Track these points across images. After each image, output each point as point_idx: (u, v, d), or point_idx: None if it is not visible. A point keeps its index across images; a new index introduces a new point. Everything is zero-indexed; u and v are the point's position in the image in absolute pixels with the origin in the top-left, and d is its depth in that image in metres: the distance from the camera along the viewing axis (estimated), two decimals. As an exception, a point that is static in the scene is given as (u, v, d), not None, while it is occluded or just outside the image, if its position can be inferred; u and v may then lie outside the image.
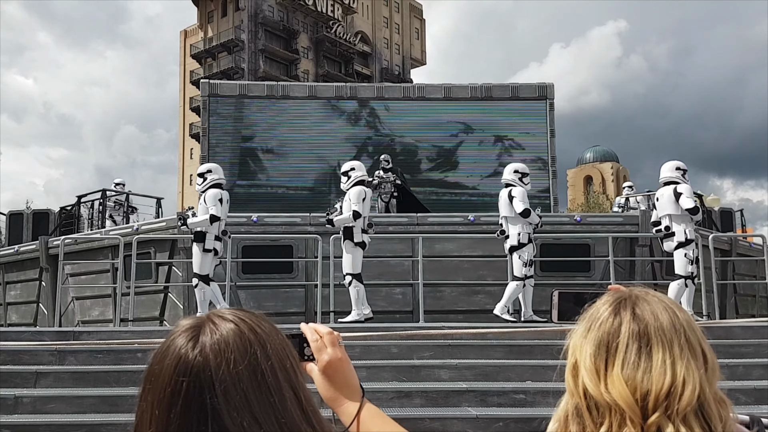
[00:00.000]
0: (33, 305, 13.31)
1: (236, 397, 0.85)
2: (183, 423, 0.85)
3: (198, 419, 0.85)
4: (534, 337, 7.79)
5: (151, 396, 0.88)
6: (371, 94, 15.93)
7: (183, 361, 0.88)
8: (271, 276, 10.80)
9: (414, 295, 10.47)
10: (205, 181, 9.08)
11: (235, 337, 0.89)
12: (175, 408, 0.85)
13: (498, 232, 9.47)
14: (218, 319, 0.92)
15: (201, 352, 0.88)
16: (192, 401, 0.85)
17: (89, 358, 7.33)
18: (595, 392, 1.05)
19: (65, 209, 15.35)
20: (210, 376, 0.86)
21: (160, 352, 0.91)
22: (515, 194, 9.14)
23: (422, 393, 6.58)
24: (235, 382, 0.86)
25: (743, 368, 6.85)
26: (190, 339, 0.90)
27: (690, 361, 1.06)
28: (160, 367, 0.89)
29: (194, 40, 62.80)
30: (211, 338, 0.89)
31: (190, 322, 0.93)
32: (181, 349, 0.89)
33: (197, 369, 0.87)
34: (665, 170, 9.05)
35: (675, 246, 8.86)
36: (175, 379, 0.87)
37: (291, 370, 0.92)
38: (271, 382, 0.88)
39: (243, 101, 15.48)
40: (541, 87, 15.65)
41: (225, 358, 0.87)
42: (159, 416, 0.86)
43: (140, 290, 10.62)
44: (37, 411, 6.36)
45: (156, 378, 0.89)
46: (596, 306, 1.15)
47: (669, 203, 8.86)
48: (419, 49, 73.64)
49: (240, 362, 0.87)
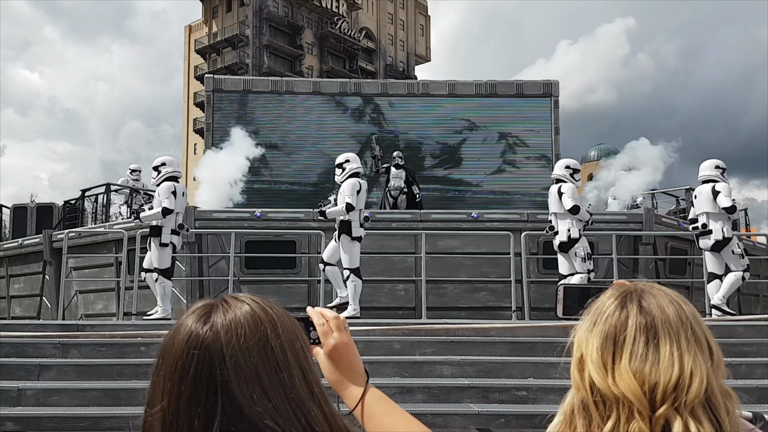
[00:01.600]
0: (36, 298, 13.35)
1: (246, 370, 0.87)
2: (193, 394, 0.87)
3: (207, 391, 0.87)
4: (536, 334, 7.79)
5: (163, 370, 0.90)
6: (375, 90, 15.92)
7: (194, 335, 0.90)
8: (274, 271, 10.82)
9: (417, 291, 10.47)
10: (159, 174, 8.98)
11: (247, 315, 0.92)
12: (185, 380, 0.87)
13: (547, 228, 9.42)
14: (232, 300, 0.95)
15: (212, 327, 0.90)
16: (202, 373, 0.87)
17: (92, 351, 7.34)
18: (603, 385, 1.05)
19: (69, 203, 15.39)
20: (221, 349, 0.88)
21: (172, 330, 0.94)
22: (564, 190, 9.05)
23: (424, 389, 6.58)
24: (245, 356, 0.88)
25: (746, 367, 6.84)
26: (201, 317, 0.92)
27: (697, 354, 1.06)
28: (173, 342, 0.91)
29: (199, 36, 62.80)
30: (224, 317, 0.91)
31: (203, 303, 0.96)
32: (192, 326, 0.91)
33: (208, 342, 0.89)
34: (704, 168, 9.07)
35: (711, 244, 8.89)
36: (186, 352, 0.89)
37: (300, 351, 0.93)
38: (280, 359, 0.90)
39: (247, 97, 15.48)
40: (546, 84, 15.61)
41: (236, 333, 0.89)
42: (170, 388, 0.88)
43: (144, 284, 10.63)
44: (40, 404, 6.38)
45: (168, 352, 0.91)
46: (601, 300, 1.15)
47: (707, 201, 8.87)
48: (424, 46, 73.53)
49: (251, 338, 0.89)
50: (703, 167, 9.10)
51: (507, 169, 15.37)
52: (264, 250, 10.66)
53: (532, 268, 10.75)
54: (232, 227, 10.69)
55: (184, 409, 0.87)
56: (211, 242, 11.15)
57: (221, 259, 10.97)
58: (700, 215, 8.98)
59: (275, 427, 0.86)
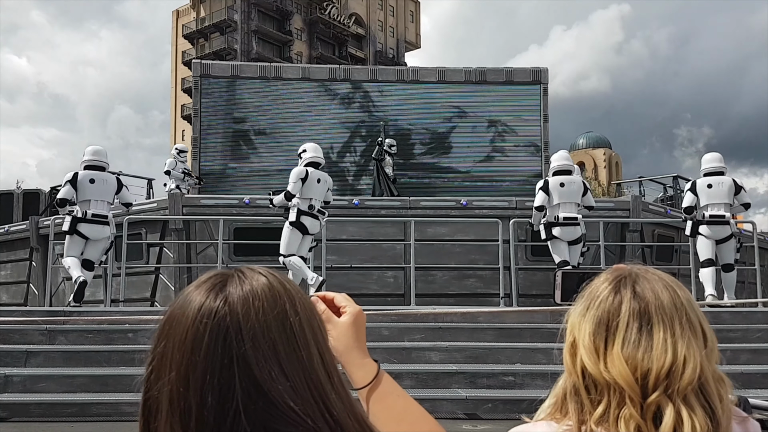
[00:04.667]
0: (23, 285, 13.26)
1: (265, 345, 0.81)
2: (208, 366, 0.80)
3: (222, 364, 0.80)
4: (523, 320, 7.85)
5: (171, 341, 0.82)
6: (365, 77, 15.84)
7: (207, 304, 0.83)
8: (262, 258, 10.76)
9: (406, 278, 10.49)
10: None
11: (264, 287, 0.85)
12: (198, 351, 0.80)
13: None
14: (248, 271, 0.88)
15: (227, 298, 0.83)
16: (217, 344, 0.80)
17: (79, 337, 7.31)
18: (594, 371, 1.05)
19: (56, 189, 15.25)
20: (238, 321, 0.81)
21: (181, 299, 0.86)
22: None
23: (413, 374, 6.61)
24: (264, 330, 0.82)
25: (731, 353, 6.92)
26: (215, 285, 0.85)
27: (691, 340, 1.05)
28: (183, 311, 0.84)
29: (186, 21, 62.18)
30: (240, 288, 0.85)
31: (216, 272, 0.88)
32: (206, 295, 0.84)
33: (223, 313, 0.82)
34: (716, 160, 9.24)
35: (728, 234, 9.07)
36: (199, 320, 0.81)
37: (318, 330, 0.88)
38: (299, 336, 0.84)
39: (235, 82, 15.35)
40: (535, 71, 15.60)
41: (253, 306, 0.83)
42: (180, 359, 0.81)
43: (131, 271, 10.58)
44: (27, 390, 6.35)
45: (178, 321, 0.83)
46: (595, 284, 1.14)
47: (729, 193, 9.02)
48: (414, 33, 73.25)
49: (269, 312, 0.83)
50: (714, 159, 9.27)
51: (496, 156, 15.38)
52: (253, 236, 10.63)
53: (520, 255, 10.80)
54: (220, 214, 10.65)
55: (196, 383, 0.80)
56: (199, 229, 11.10)
57: (209, 246, 10.93)
58: (716, 205, 9.06)
59: (294, 407, 0.80)
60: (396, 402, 1.11)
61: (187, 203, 11.24)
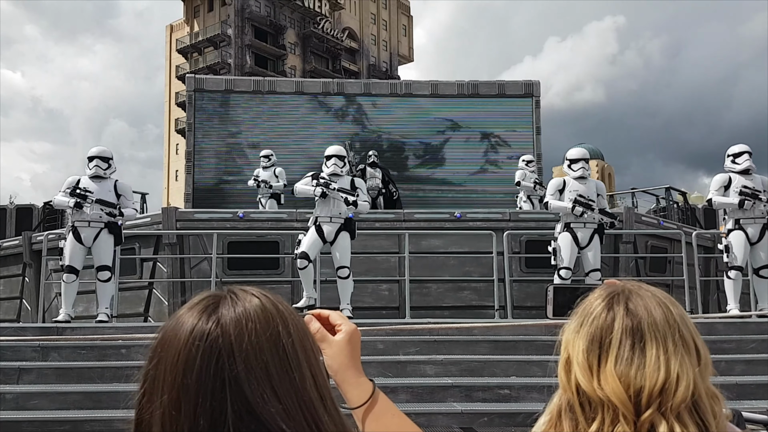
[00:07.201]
0: (16, 301, 13.17)
1: (257, 367, 0.81)
2: (199, 389, 0.80)
3: (214, 387, 0.79)
4: (518, 333, 7.83)
5: (163, 363, 0.82)
6: (358, 90, 15.90)
7: (200, 327, 0.82)
8: (257, 272, 10.75)
9: (400, 291, 10.47)
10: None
11: (257, 309, 0.85)
12: (190, 373, 0.80)
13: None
14: (241, 292, 0.88)
15: (219, 320, 0.83)
16: (209, 366, 0.80)
17: (73, 354, 7.26)
18: (588, 388, 1.05)
19: (49, 204, 15.20)
20: (230, 343, 0.81)
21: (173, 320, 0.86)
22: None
23: (408, 388, 6.59)
24: (256, 352, 0.81)
25: (725, 364, 6.91)
26: (207, 308, 0.85)
27: (684, 357, 1.05)
28: (175, 332, 0.83)
29: (180, 35, 62.32)
30: (233, 310, 0.84)
31: (208, 294, 0.88)
32: (198, 317, 0.84)
33: (215, 335, 0.81)
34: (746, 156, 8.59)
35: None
36: (191, 343, 0.81)
37: (310, 351, 0.87)
38: (292, 358, 0.83)
39: (229, 96, 15.39)
40: (527, 84, 15.70)
41: (246, 327, 0.82)
42: (172, 381, 0.80)
43: (124, 286, 10.53)
44: (20, 407, 6.29)
45: (170, 343, 0.83)
46: (589, 300, 1.14)
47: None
48: (407, 46, 73.57)
49: (262, 334, 0.83)
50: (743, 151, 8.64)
51: (489, 168, 15.43)
52: (247, 250, 10.60)
53: (515, 267, 10.80)
54: (214, 228, 10.63)
55: (188, 406, 0.79)
56: (192, 243, 11.07)
57: (203, 260, 10.89)
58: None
59: (287, 430, 0.80)
60: (391, 421, 1.11)
61: (181, 217, 11.22)
